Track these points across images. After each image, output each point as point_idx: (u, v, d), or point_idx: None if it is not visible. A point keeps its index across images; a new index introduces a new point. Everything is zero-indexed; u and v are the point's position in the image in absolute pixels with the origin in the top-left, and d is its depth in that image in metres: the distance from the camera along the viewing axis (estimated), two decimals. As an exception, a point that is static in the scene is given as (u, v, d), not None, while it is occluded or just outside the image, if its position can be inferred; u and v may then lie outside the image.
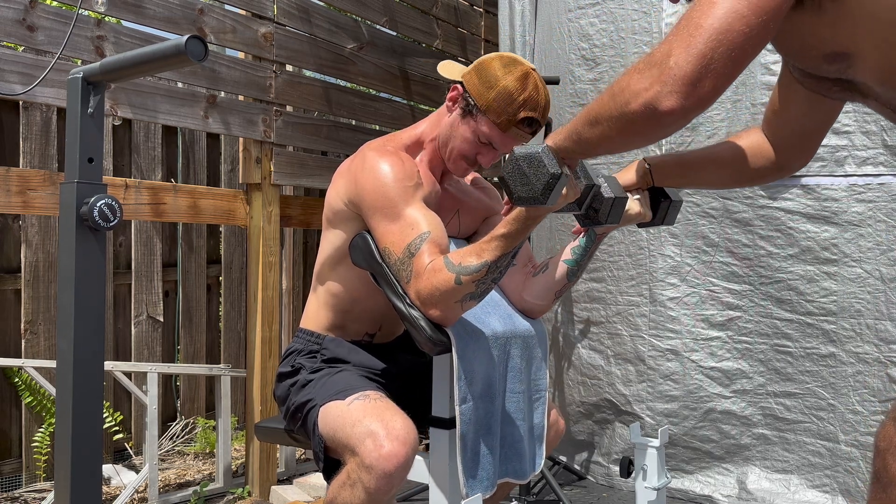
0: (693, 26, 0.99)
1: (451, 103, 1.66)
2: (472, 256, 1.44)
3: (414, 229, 1.51)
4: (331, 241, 1.68)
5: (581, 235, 1.70)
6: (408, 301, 1.51)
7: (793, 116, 1.39)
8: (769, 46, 1.19)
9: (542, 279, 1.73)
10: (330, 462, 1.54)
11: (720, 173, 1.48)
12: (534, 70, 1.60)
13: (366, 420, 1.44)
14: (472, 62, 1.69)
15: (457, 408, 1.51)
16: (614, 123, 1.09)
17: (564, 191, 1.32)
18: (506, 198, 1.39)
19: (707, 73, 0.98)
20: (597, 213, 1.42)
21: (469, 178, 1.86)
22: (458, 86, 1.64)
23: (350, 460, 1.44)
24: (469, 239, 1.85)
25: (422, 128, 1.73)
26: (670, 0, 1.30)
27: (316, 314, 1.74)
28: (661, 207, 1.57)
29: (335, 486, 1.47)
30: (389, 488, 1.40)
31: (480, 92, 1.59)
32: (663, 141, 2.73)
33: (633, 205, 1.54)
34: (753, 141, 1.45)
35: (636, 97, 1.03)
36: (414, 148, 1.71)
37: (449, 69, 1.70)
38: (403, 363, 1.76)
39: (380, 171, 1.56)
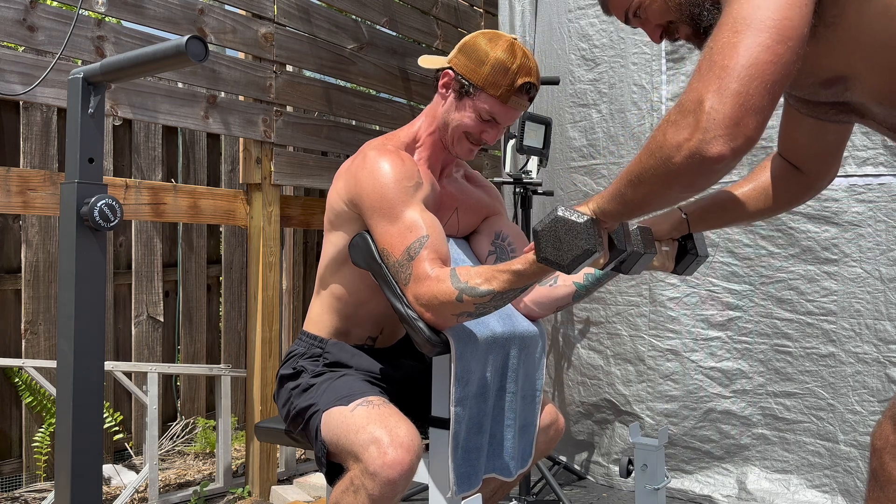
0: (719, 68, 0.97)
1: (444, 90, 1.66)
2: (481, 279, 1.42)
3: (413, 232, 1.50)
4: (333, 243, 1.67)
5: None
6: (405, 302, 1.51)
7: (803, 143, 1.39)
8: None
9: (548, 291, 1.72)
10: (333, 467, 1.53)
11: (754, 207, 1.47)
12: (516, 39, 1.62)
13: (370, 427, 1.43)
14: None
15: (452, 409, 1.51)
16: (659, 180, 1.06)
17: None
18: (532, 241, 1.35)
19: (747, 110, 0.96)
20: (622, 262, 1.35)
21: (469, 176, 1.85)
22: (449, 71, 1.64)
23: (353, 466, 1.43)
24: (469, 238, 1.85)
25: (418, 124, 1.72)
26: (606, 13, 1.28)
27: (319, 318, 1.73)
28: (685, 260, 1.54)
29: (338, 492, 1.46)
30: (393, 495, 1.39)
31: (473, 70, 1.59)
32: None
33: (657, 256, 1.50)
34: (777, 169, 1.45)
35: (678, 150, 1.00)
36: (412, 146, 1.70)
37: (430, 61, 1.70)
38: (405, 368, 1.75)
39: (379, 170, 1.55)
